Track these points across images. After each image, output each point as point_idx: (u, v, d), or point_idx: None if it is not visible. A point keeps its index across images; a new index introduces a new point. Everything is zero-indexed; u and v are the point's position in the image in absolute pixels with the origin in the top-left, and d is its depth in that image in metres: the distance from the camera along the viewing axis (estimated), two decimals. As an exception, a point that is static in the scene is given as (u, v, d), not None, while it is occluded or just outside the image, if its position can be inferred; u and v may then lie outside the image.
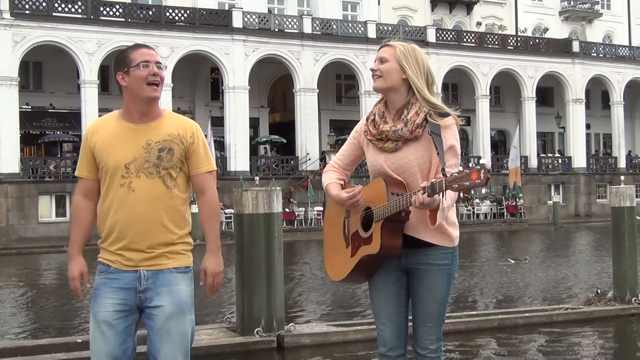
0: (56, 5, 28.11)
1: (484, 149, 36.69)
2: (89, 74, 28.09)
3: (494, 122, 38.53)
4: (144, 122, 3.02)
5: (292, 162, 32.82)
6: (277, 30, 32.54)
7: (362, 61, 33.34)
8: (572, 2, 45.36)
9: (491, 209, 34.05)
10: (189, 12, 30.98)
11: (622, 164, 40.87)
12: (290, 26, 32.99)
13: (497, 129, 41.01)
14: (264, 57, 31.94)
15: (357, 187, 3.12)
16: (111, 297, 2.97)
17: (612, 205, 8.68)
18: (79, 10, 28.49)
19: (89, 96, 28.04)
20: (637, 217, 8.69)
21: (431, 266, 3.10)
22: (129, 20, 29.37)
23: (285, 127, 34.94)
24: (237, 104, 31.17)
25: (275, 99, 38.00)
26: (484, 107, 37.10)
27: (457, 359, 6.59)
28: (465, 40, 37.26)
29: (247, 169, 31.20)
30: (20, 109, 27.74)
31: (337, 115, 36.57)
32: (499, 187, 35.94)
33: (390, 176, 3.07)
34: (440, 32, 36.75)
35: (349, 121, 34.54)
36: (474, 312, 8.75)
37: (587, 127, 41.14)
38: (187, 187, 3.08)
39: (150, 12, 30.72)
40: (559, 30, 44.19)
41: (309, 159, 32.41)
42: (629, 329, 7.89)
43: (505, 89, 40.62)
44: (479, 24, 41.38)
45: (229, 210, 26.90)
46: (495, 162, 37.35)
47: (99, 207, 3.05)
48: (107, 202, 3.00)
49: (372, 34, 34.20)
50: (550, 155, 40.58)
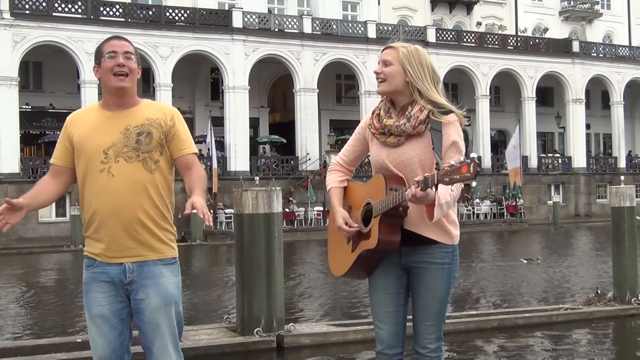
0: (56, 5, 28.13)
1: (484, 149, 36.70)
2: (89, 74, 28.05)
3: (494, 122, 38.54)
4: (121, 109, 3.03)
5: (292, 162, 32.83)
6: (277, 30, 32.55)
7: (362, 61, 33.36)
8: (572, 2, 45.37)
9: (491, 209, 34.05)
10: (189, 12, 30.99)
11: (622, 164, 40.89)
12: (290, 26, 33.00)
13: (497, 129, 41.02)
14: (264, 57, 31.95)
15: (354, 225, 3.13)
16: (101, 291, 2.98)
17: (612, 205, 8.68)
18: (79, 10, 28.51)
19: (89, 96, 28.02)
20: (637, 217, 8.69)
21: (431, 264, 3.10)
22: (129, 20, 29.38)
23: (285, 127, 34.94)
24: (237, 104, 31.18)
25: (275, 99, 38.01)
26: (484, 107, 37.11)
27: (457, 359, 6.59)
28: (465, 40, 37.27)
29: (247, 169, 31.21)
30: (20, 109, 27.77)
31: (337, 115, 36.58)
32: (499, 187, 35.96)
33: (391, 171, 3.08)
34: (440, 32, 36.76)
35: (349, 121, 34.63)
36: (474, 312, 8.75)
37: (587, 127, 41.15)
38: (169, 171, 3.06)
39: (150, 12, 30.74)
40: (559, 30, 44.20)
41: (309, 159, 32.41)
42: (629, 329, 7.89)
43: (505, 89, 40.63)
44: (479, 24, 41.39)
45: (229, 210, 26.93)
46: (495, 162, 37.37)
47: (80, 197, 3.04)
48: (87, 189, 2.99)
49: (372, 34, 34.21)
50: (550, 155, 40.59)
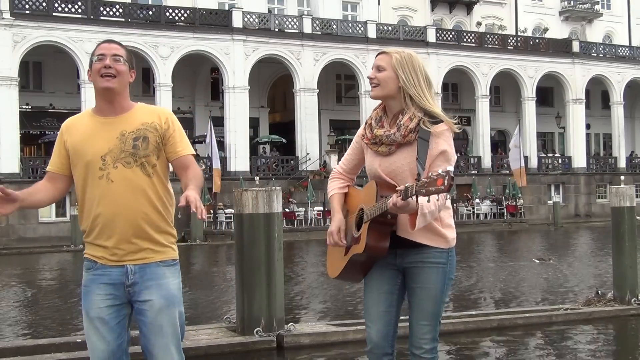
0: (56, 5, 28.13)
1: (484, 149, 36.71)
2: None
3: (494, 122, 38.53)
4: (116, 115, 3.03)
5: (292, 162, 32.82)
6: (277, 30, 32.55)
7: (362, 61, 33.36)
8: (572, 2, 45.37)
9: (491, 209, 34.05)
10: (189, 12, 30.99)
11: (622, 164, 40.89)
12: (290, 26, 33.00)
13: (497, 129, 41.02)
14: (264, 57, 31.95)
15: (344, 241, 3.21)
16: (101, 293, 2.98)
17: (612, 205, 8.69)
18: (79, 10, 28.50)
19: (89, 96, 27.97)
20: (637, 217, 8.69)
21: (425, 264, 3.14)
22: (129, 20, 29.38)
23: (285, 127, 34.94)
24: (237, 104, 31.18)
25: (275, 99, 38.01)
26: (484, 107, 37.11)
27: (457, 359, 6.60)
28: (465, 40, 37.27)
29: (247, 169, 31.21)
30: (20, 109, 27.77)
31: (337, 115, 36.59)
32: (499, 187, 35.96)
33: (384, 179, 3.14)
34: (440, 32, 36.76)
35: (349, 121, 34.66)
36: (473, 312, 8.75)
37: (587, 127, 41.15)
38: (167, 174, 3.08)
39: (150, 12, 30.73)
40: (559, 30, 44.20)
41: (309, 159, 32.42)
42: (628, 329, 7.89)
43: (505, 89, 40.63)
44: (479, 24, 41.38)
45: (229, 210, 26.93)
46: (495, 162, 37.38)
47: (79, 204, 3.04)
48: (87, 196, 3.00)
49: (372, 34, 34.21)
50: (550, 155, 40.59)
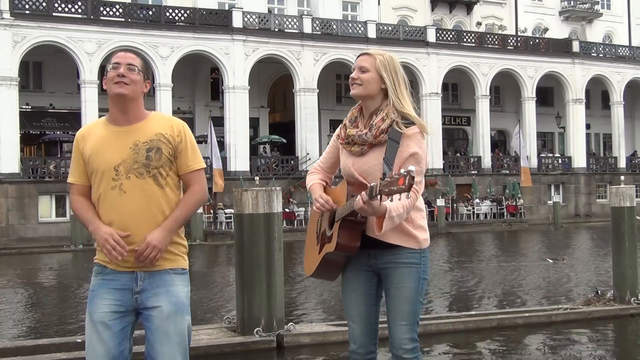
0: (56, 5, 28.13)
1: (484, 149, 36.70)
2: (89, 74, 28.10)
3: (494, 122, 38.53)
4: (129, 124, 3.03)
5: (292, 162, 32.83)
6: (277, 30, 32.55)
7: (362, 61, 33.30)
8: (572, 2, 45.36)
9: (491, 209, 34.04)
10: (189, 12, 30.99)
11: (622, 164, 40.88)
12: (290, 26, 33.00)
13: (497, 129, 41.01)
14: (264, 57, 31.95)
15: (332, 204, 3.17)
16: (107, 298, 2.97)
17: (612, 205, 8.69)
18: (79, 10, 28.50)
19: (89, 96, 28.06)
20: (637, 217, 8.69)
21: (398, 264, 3.18)
22: (129, 20, 29.38)
23: (285, 127, 34.94)
24: (237, 104, 31.18)
25: (275, 99, 38.01)
26: (484, 107, 37.10)
27: (457, 359, 6.60)
28: (465, 40, 37.27)
29: (247, 169, 31.21)
30: (20, 109, 27.77)
31: (337, 115, 36.48)
32: (499, 187, 35.97)
33: (357, 179, 3.18)
34: (440, 32, 36.75)
35: (349, 121, 34.61)
36: (473, 312, 8.76)
37: (587, 127, 41.14)
38: (178, 185, 3.08)
39: (150, 12, 30.73)
40: (559, 30, 44.20)
41: (309, 159, 32.38)
42: (628, 329, 7.89)
43: (505, 89, 40.62)
44: (479, 24, 41.38)
45: (229, 210, 26.93)
46: (495, 162, 37.38)
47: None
48: (100, 204, 3.00)
49: (372, 34, 34.22)
50: (550, 155, 40.59)
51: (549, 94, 42.07)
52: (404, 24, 37.71)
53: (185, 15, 30.79)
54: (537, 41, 40.13)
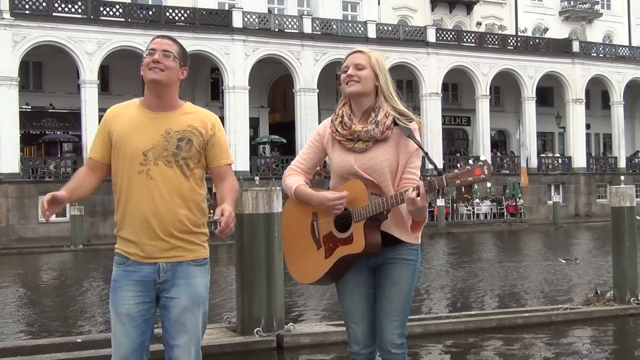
0: (56, 5, 28.13)
1: (484, 149, 36.69)
2: (89, 74, 28.10)
3: (494, 122, 38.54)
4: (163, 111, 3.05)
5: (292, 162, 32.78)
6: (277, 30, 32.56)
7: (362, 61, 33.31)
8: (572, 2, 45.36)
9: (491, 209, 34.07)
10: (189, 12, 30.99)
11: (622, 164, 40.88)
12: (290, 26, 33.00)
13: (497, 129, 41.02)
14: (264, 57, 31.96)
15: (344, 192, 3.13)
16: (131, 290, 2.99)
17: (612, 205, 8.68)
18: (79, 10, 28.51)
19: (89, 96, 28.06)
20: (637, 217, 8.69)
21: (398, 260, 3.20)
22: (129, 20, 29.38)
23: (285, 127, 34.94)
24: (237, 104, 31.19)
25: (275, 99, 38.02)
26: (484, 107, 37.10)
27: (457, 359, 6.60)
28: (465, 40, 37.27)
29: (247, 169, 31.21)
30: (20, 109, 27.77)
31: (337, 115, 36.54)
32: (499, 187, 35.97)
33: (360, 176, 3.15)
34: (440, 32, 36.76)
35: (349, 121, 34.60)
36: (473, 312, 8.76)
37: (587, 127, 41.15)
38: (202, 179, 3.10)
39: (150, 12, 30.74)
40: (559, 30, 44.20)
41: (309, 159, 32.37)
42: (628, 329, 7.89)
43: (505, 89, 40.63)
44: (479, 24, 41.38)
45: (229, 210, 26.92)
46: (495, 162, 37.38)
47: (115, 195, 3.05)
48: (125, 189, 3.00)
49: (372, 34, 34.22)
50: (550, 155, 40.60)
51: (549, 94, 42.08)
52: (404, 24, 37.72)
53: (185, 15, 30.80)
54: (537, 41, 40.13)
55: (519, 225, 33.33)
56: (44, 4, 27.83)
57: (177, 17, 30.71)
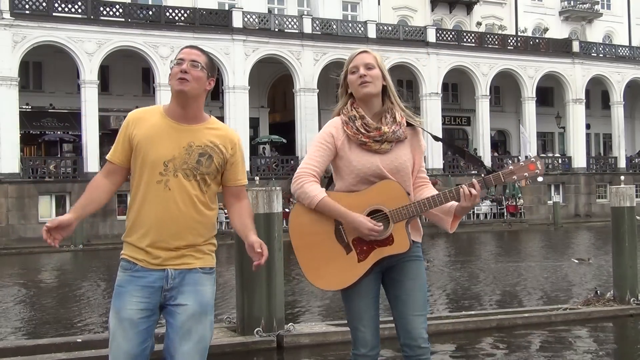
0: (56, 5, 28.12)
1: (484, 149, 36.69)
2: (89, 74, 28.09)
3: (494, 122, 38.53)
4: (187, 123, 3.03)
5: (292, 162, 32.82)
6: (277, 30, 32.55)
7: (362, 61, 33.30)
8: (572, 2, 45.36)
9: (491, 209, 34.06)
10: (189, 12, 30.98)
11: (622, 164, 40.87)
12: (290, 26, 33.00)
13: (497, 129, 41.01)
14: (264, 57, 31.95)
15: (380, 225, 3.08)
16: (136, 296, 2.96)
17: (612, 205, 8.69)
18: (79, 10, 28.50)
19: (89, 96, 28.04)
20: (637, 217, 8.69)
21: (411, 258, 3.22)
22: (129, 20, 29.37)
23: (285, 127, 34.94)
24: (237, 104, 31.19)
25: (275, 99, 38.01)
26: (484, 107, 37.10)
27: (457, 359, 6.60)
28: (465, 40, 37.26)
29: (247, 169, 31.17)
30: (20, 109, 27.75)
31: (337, 115, 36.54)
32: (499, 187, 35.93)
33: (384, 177, 3.14)
34: (440, 32, 36.75)
35: (349, 121, 34.58)
36: (473, 312, 8.76)
37: (587, 127, 41.14)
38: (215, 195, 3.10)
39: (150, 12, 30.72)
40: (559, 30, 44.19)
41: (309, 159, 32.39)
42: (627, 329, 7.90)
43: (505, 89, 40.63)
44: (479, 24, 41.38)
45: (229, 210, 26.92)
46: (495, 162, 37.36)
47: (130, 200, 3.03)
48: (140, 195, 2.99)
49: (372, 34, 34.22)
50: (550, 155, 40.59)
51: (549, 94, 42.07)
52: (404, 24, 37.71)
53: (185, 15, 30.79)
54: (537, 41, 40.12)
55: (518, 225, 33.33)
56: (44, 4, 27.82)
57: (177, 17, 30.69)
